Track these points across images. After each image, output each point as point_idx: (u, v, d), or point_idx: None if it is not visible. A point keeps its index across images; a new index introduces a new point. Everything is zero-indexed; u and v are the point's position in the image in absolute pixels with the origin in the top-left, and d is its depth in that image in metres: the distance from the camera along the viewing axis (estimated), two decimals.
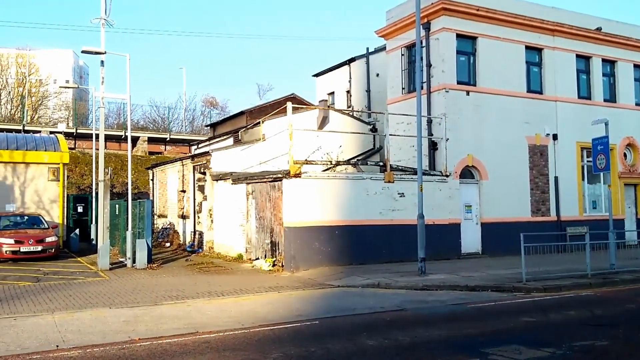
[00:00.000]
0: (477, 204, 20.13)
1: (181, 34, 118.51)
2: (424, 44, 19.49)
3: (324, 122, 23.64)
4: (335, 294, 13.28)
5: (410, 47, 21.05)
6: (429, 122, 19.66)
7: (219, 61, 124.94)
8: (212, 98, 68.31)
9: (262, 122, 22.24)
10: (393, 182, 18.05)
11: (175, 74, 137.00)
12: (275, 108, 23.84)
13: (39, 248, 18.85)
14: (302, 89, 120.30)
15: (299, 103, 24.61)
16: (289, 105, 17.56)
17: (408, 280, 14.46)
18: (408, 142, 19.92)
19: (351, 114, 25.37)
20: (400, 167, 18.99)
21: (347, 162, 19.88)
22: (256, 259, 18.51)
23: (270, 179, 18.09)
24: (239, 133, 24.22)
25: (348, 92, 27.68)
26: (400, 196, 18.15)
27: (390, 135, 18.60)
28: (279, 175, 17.43)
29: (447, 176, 19.17)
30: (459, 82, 19.95)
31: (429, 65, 19.83)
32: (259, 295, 13.01)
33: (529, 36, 21.44)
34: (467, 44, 20.45)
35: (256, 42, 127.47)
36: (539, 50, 21.99)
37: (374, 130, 24.23)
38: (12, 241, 18.54)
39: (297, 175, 16.75)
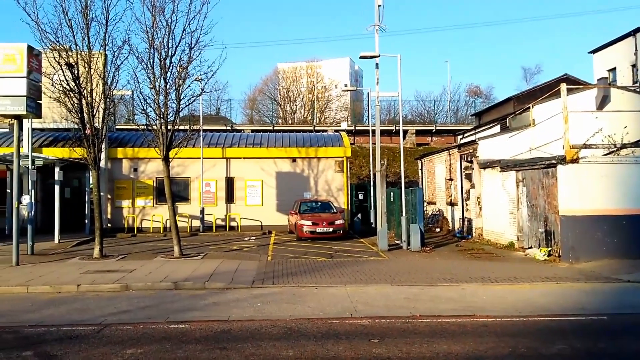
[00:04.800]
0: None
1: (445, 28, 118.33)
2: None
3: (603, 101, 20.80)
4: (626, 290, 11.62)
5: None
6: None
7: (482, 50, 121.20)
8: (475, 87, 66.66)
9: (532, 106, 20.70)
10: None
11: (440, 67, 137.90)
12: (545, 92, 21.95)
13: (330, 229, 21.08)
14: (576, 68, 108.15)
15: (573, 83, 22.19)
16: (563, 86, 15.93)
17: None
18: None
19: (639, 90, 21.76)
20: None
21: (636, 144, 17.11)
22: (529, 248, 17.39)
23: (542, 166, 16.75)
24: (507, 120, 23.03)
25: (633, 66, 23.81)
26: None
27: None
28: (553, 161, 15.99)
29: None
30: None
31: None
32: (534, 284, 12.18)
33: None
34: None
35: (519, 25, 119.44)
36: None
37: None
38: (310, 223, 21.15)
39: (574, 161, 15.12)
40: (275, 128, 44.40)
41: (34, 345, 7.60)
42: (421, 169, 31.23)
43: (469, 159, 22.42)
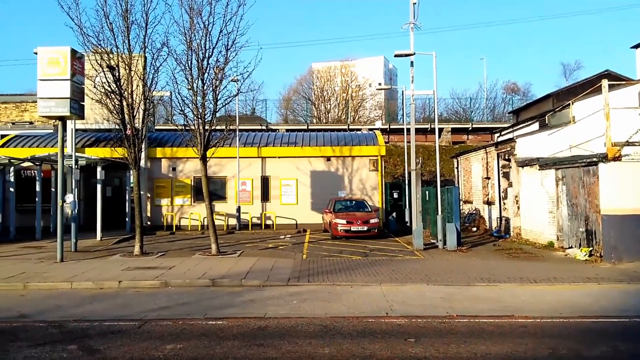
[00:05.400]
0: None
1: (481, 25, 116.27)
2: None
3: None
4: None
5: None
6: None
7: (519, 46, 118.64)
8: (513, 84, 65.31)
9: (572, 103, 20.10)
10: None
11: (475, 64, 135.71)
12: (585, 88, 21.25)
13: (365, 228, 20.97)
14: (618, 64, 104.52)
15: (615, 79, 21.42)
16: (604, 82, 15.44)
17: None
18: None
19: None
20: None
21: None
22: (569, 248, 16.92)
23: (583, 164, 16.27)
24: (545, 117, 22.45)
25: None
26: None
27: None
28: (594, 159, 15.52)
29: None
30: None
31: None
32: (575, 285, 11.85)
33: None
34: None
35: (558, 20, 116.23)
36: None
37: None
38: (344, 222, 21.08)
39: (617, 159, 14.64)
40: (310, 127, 44.46)
41: (78, 339, 7.84)
42: (457, 168, 30.78)
43: (507, 157, 21.98)
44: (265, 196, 25.77)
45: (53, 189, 22.52)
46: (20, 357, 6.98)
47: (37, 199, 21.43)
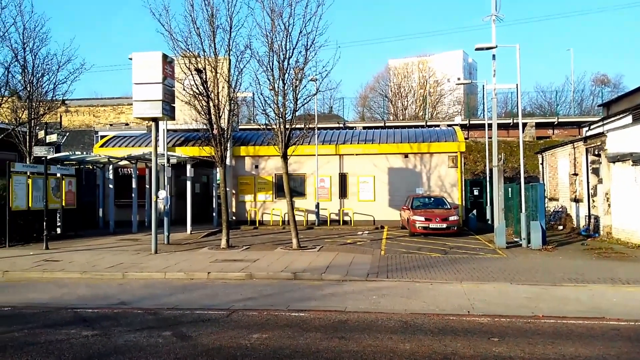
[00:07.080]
0: None
1: (567, 14, 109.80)
2: None
3: None
4: None
5: None
6: None
7: (609, 36, 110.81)
8: (602, 76, 61.28)
9: None
10: None
11: (562, 56, 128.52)
12: None
13: (444, 225, 20.52)
14: None
15: None
16: None
17: None
18: None
19: None
20: None
21: None
22: None
23: None
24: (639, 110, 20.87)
25: None
26: None
27: None
28: None
29: None
30: None
31: None
32: None
33: None
34: None
35: None
36: None
37: None
38: (423, 218, 20.74)
39: None
40: (387, 124, 44.13)
41: (172, 326, 8.32)
42: (542, 164, 29.35)
43: (597, 152, 20.68)
44: (343, 193, 25.92)
45: (147, 186, 23.91)
46: (122, 341, 7.52)
47: (133, 195, 22.89)
